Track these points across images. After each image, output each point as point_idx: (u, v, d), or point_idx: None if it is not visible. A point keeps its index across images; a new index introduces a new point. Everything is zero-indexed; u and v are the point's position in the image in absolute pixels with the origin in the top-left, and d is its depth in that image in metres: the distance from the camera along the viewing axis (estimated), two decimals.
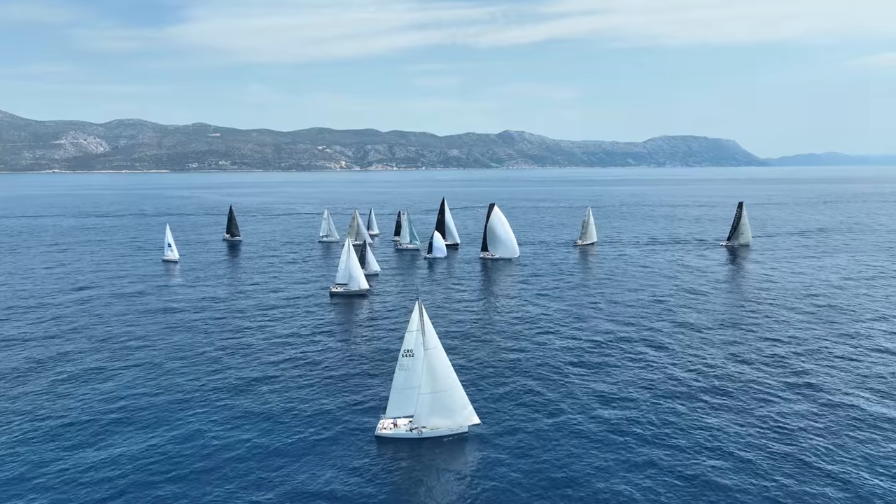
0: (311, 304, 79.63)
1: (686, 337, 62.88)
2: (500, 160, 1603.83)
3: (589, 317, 71.18)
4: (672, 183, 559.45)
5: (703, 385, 49.51)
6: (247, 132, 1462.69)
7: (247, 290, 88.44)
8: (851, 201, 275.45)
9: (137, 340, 63.05)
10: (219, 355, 58.03)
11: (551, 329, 66.14)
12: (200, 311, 75.80)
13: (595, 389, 48.57)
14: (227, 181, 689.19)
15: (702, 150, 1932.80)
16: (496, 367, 54.14)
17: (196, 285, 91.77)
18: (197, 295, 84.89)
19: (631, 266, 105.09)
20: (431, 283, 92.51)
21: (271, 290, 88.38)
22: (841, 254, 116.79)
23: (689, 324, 67.89)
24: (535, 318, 70.74)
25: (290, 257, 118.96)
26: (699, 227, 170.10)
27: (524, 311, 74.26)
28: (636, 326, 66.71)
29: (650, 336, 63.13)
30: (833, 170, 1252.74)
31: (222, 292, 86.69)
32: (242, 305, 78.60)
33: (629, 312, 73.01)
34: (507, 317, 71.88)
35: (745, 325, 67.05)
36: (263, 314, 74.07)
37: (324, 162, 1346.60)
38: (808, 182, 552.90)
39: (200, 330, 66.91)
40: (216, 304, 79.65)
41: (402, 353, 40.73)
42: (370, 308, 77.49)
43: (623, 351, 58.38)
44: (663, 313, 72.60)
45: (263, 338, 63.91)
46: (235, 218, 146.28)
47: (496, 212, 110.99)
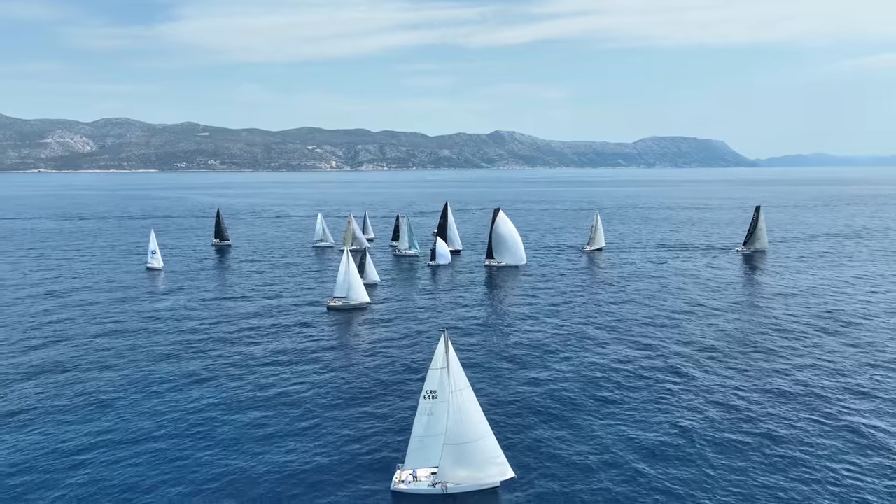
0: (306, 319, 72.91)
1: (715, 364, 56.81)
2: (490, 160, 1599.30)
3: (609, 340, 64.94)
4: (667, 184, 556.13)
5: (748, 431, 43.34)
6: (236, 132, 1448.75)
7: (236, 303, 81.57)
8: (852, 204, 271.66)
9: (110, 360, 56.16)
10: (199, 385, 51.29)
11: (570, 354, 59.87)
12: (182, 328, 68.92)
13: (628, 435, 42.14)
14: (216, 181, 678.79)
15: (691, 151, 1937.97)
16: (517, 402, 47.76)
17: (180, 297, 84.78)
18: (180, 309, 77.94)
19: (645, 276, 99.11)
20: (435, 296, 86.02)
21: (262, 303, 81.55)
22: (859, 261, 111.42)
23: (715, 348, 61.86)
24: (550, 341, 64.45)
25: (282, 264, 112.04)
26: (707, 231, 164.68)
27: (538, 332, 67.97)
28: (660, 353, 60.42)
29: (677, 364, 56.87)
30: (824, 171, 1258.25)
31: (208, 306, 79.77)
32: (230, 322, 71.75)
33: (650, 334, 66.89)
34: (521, 337, 65.54)
35: (780, 351, 61.10)
36: (253, 332, 67.29)
37: (314, 162, 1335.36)
38: (804, 183, 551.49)
39: (181, 352, 60.09)
40: (200, 319, 72.77)
41: (423, 395, 34.28)
42: (371, 324, 70.90)
43: (651, 384, 52.12)
44: (685, 334, 66.55)
45: (253, 362, 57.18)
46: (223, 222, 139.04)
47: (502, 217, 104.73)
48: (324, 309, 78.12)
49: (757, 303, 79.77)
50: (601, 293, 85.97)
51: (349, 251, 79.27)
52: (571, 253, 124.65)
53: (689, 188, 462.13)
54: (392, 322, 71.47)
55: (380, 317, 73.98)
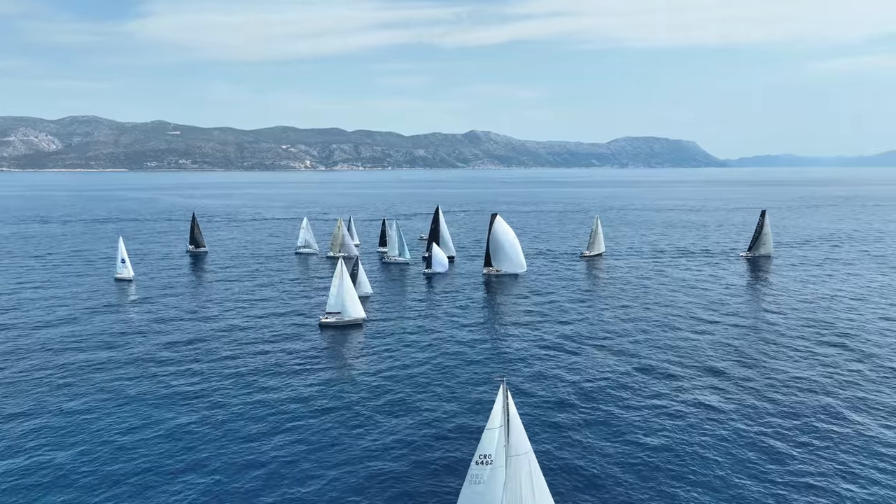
0: (296, 339, 65.61)
1: (742, 393, 51.22)
2: (466, 160, 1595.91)
3: (629, 374, 59.09)
4: (645, 185, 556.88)
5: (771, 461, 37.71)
6: (208, 130, 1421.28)
7: (215, 318, 73.80)
8: (837, 205, 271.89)
9: (71, 383, 48.36)
10: (172, 415, 43.91)
11: (587, 380, 53.81)
12: (155, 349, 61.15)
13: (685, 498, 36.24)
14: (188, 181, 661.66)
15: (663, 152, 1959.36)
16: (552, 443, 41.45)
17: (152, 312, 76.69)
18: (152, 325, 69.98)
19: (652, 287, 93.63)
20: (436, 310, 79.29)
21: (245, 319, 73.93)
22: (866, 268, 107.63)
23: (735, 378, 56.35)
24: (564, 365, 58.34)
25: (264, 273, 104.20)
26: (703, 234, 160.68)
27: (550, 356, 61.78)
28: (687, 382, 54.77)
29: (699, 397, 51.25)
30: (796, 171, 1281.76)
31: (184, 322, 71.88)
32: (209, 340, 64.12)
33: (667, 357, 61.22)
34: (529, 359, 59.31)
35: (804, 377, 55.79)
36: (235, 354, 59.84)
37: (288, 161, 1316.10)
38: (780, 185, 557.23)
39: (154, 375, 52.46)
40: (176, 338, 64.99)
41: (475, 460, 27.59)
42: (371, 346, 63.90)
43: (680, 425, 46.31)
44: (703, 357, 61.02)
45: (235, 390, 49.89)
46: (199, 226, 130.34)
47: (500, 222, 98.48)
48: (315, 325, 70.94)
49: (773, 312, 74.69)
50: (610, 306, 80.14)
51: (342, 260, 72.13)
52: (569, 259, 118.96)
53: (669, 189, 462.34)
54: (394, 344, 64.51)
55: (379, 336, 66.97)
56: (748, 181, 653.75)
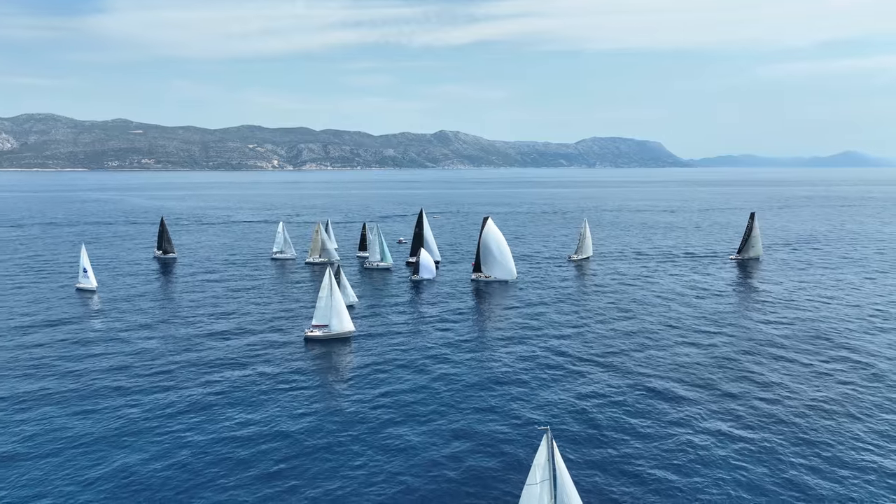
0: (278, 357, 60.26)
1: (743, 406, 47.98)
2: (436, 160, 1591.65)
3: (638, 400, 55.47)
4: (617, 185, 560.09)
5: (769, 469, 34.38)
6: (172, 129, 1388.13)
7: (187, 332, 67.91)
8: (806, 205, 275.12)
9: (28, 405, 42.47)
10: (132, 454, 38.52)
11: (595, 404, 49.98)
12: (121, 365, 55.27)
13: None
14: (153, 181, 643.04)
15: (630, 152, 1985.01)
16: None
17: (117, 326, 70.40)
18: (118, 340, 63.87)
19: (644, 293, 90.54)
20: (427, 321, 74.66)
21: (221, 332, 68.22)
22: (851, 267, 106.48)
23: (740, 377, 53.19)
24: (564, 377, 54.44)
25: (239, 281, 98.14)
26: (687, 237, 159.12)
27: (550, 377, 57.81)
28: (698, 407, 51.34)
29: (713, 423, 47.84)
30: (758, 171, 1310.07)
31: (153, 337, 65.87)
32: (181, 357, 58.41)
33: (669, 375, 57.80)
34: (530, 382, 55.25)
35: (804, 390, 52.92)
36: (211, 370, 54.39)
37: (255, 161, 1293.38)
38: (750, 184, 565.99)
39: (116, 403, 46.80)
40: (143, 357, 59.10)
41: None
42: (360, 363, 58.92)
43: (699, 456, 42.73)
44: (707, 376, 57.81)
45: (212, 413, 44.60)
46: (168, 231, 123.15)
47: (490, 226, 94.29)
48: (299, 340, 65.69)
49: (775, 322, 72.01)
50: (606, 317, 76.52)
51: (330, 270, 66.99)
52: (557, 263, 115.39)
53: (640, 189, 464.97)
54: (385, 363, 59.58)
55: (369, 354, 61.96)
56: (716, 181, 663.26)
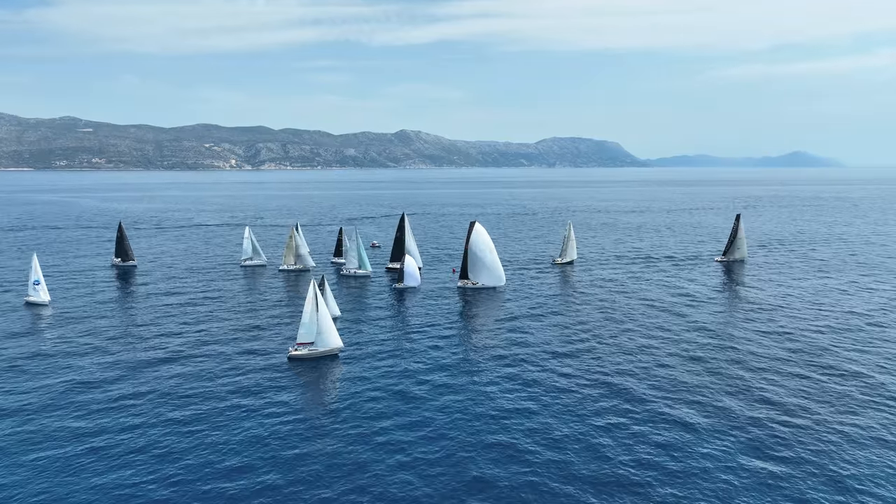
0: (258, 380, 54.32)
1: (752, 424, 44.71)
2: (397, 160, 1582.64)
3: (649, 430, 51.72)
4: (581, 185, 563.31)
5: None
6: (124, 127, 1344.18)
7: (152, 349, 61.31)
8: (772, 205, 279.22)
9: None
10: (96, 478, 32.66)
11: (605, 428, 45.94)
12: (76, 391, 48.66)
13: None
14: (105, 182, 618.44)
15: (589, 152, 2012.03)
16: None
17: (74, 343, 63.24)
18: (74, 363, 56.94)
19: (634, 301, 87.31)
20: (415, 334, 69.57)
21: (190, 350, 61.83)
22: (837, 271, 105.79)
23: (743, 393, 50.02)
24: (570, 403, 50.32)
25: (207, 292, 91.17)
26: (663, 238, 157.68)
27: (552, 399, 53.61)
28: (708, 440, 47.83)
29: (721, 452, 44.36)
30: (717, 171, 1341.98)
31: (112, 356, 59.08)
32: (146, 382, 52.01)
33: (674, 398, 54.31)
34: (532, 402, 50.96)
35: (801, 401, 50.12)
36: (179, 397, 48.25)
37: (212, 161, 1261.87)
38: (713, 184, 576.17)
39: (75, 423, 40.49)
40: (102, 379, 52.51)
41: None
42: (351, 387, 53.49)
43: None
44: (714, 397, 54.56)
45: (180, 450, 38.77)
46: (127, 237, 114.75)
47: (478, 230, 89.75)
48: (282, 359, 59.87)
49: (770, 333, 69.48)
50: (604, 328, 72.79)
51: (315, 282, 61.32)
52: (541, 267, 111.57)
53: (605, 189, 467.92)
54: (379, 387, 54.30)
55: (359, 375, 56.41)
56: (676, 181, 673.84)
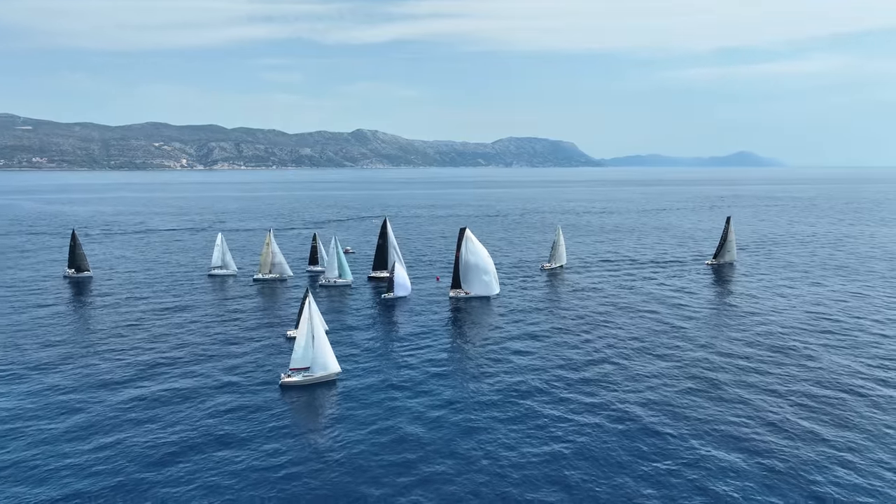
0: (248, 415, 48.02)
1: None
2: (354, 159, 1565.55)
3: (635, 418, 47.70)
4: (542, 185, 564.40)
5: None
6: (67, 125, 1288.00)
7: (114, 375, 54.02)
8: (735, 205, 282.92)
9: None
10: None
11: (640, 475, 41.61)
12: (23, 426, 41.49)
13: None
14: (48, 183, 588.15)
15: (545, 152, 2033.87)
16: None
17: (22, 367, 55.33)
18: (22, 390, 49.33)
19: (629, 308, 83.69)
20: (412, 353, 64.01)
21: (161, 376, 54.80)
22: (820, 270, 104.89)
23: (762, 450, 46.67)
24: (590, 440, 45.87)
25: (175, 305, 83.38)
26: (646, 240, 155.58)
27: (571, 425, 49.06)
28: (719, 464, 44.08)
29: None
30: (672, 171, 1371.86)
31: (69, 387, 51.63)
32: (109, 420, 45.07)
33: (682, 421, 50.57)
34: (548, 436, 46.29)
35: None
36: (153, 448, 41.63)
37: (162, 160, 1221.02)
38: (673, 184, 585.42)
39: (23, 471, 33.79)
40: (55, 411, 45.31)
41: None
42: (354, 419, 47.64)
43: None
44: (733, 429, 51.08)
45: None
46: (81, 246, 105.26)
47: (470, 238, 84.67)
48: (272, 387, 53.46)
49: (761, 336, 66.73)
50: (611, 343, 68.76)
51: (311, 298, 55.09)
52: (531, 273, 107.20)
53: (570, 189, 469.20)
54: (385, 419, 48.63)
55: (362, 403, 50.51)
56: (635, 181, 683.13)
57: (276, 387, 53.50)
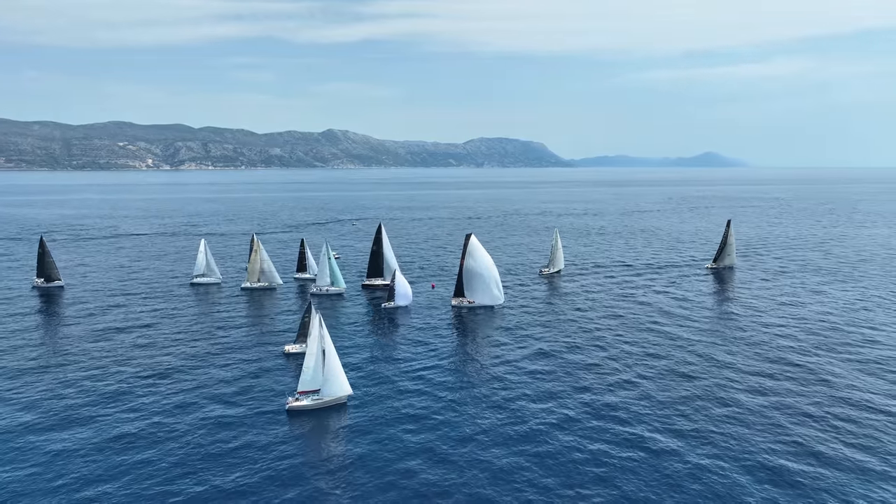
0: (251, 439, 43.34)
1: None
2: (324, 160, 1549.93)
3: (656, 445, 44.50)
4: (518, 186, 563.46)
5: None
6: (26, 124, 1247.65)
7: (94, 404, 48.64)
8: (713, 205, 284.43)
9: None
10: None
11: None
12: None
13: None
14: (4, 183, 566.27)
15: (516, 152, 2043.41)
16: None
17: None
18: None
19: (633, 314, 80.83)
20: (422, 369, 59.82)
21: (147, 397, 49.59)
22: (816, 274, 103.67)
23: None
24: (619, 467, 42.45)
25: (157, 319, 77.57)
26: (636, 243, 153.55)
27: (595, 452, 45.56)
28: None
29: None
30: (644, 171, 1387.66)
31: (43, 411, 46.15)
32: (87, 451, 39.95)
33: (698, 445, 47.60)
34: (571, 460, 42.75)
35: None
36: (139, 492, 36.72)
37: (126, 160, 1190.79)
38: (648, 185, 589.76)
39: None
40: (25, 443, 40.02)
41: None
42: (370, 449, 43.25)
43: None
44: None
45: None
46: (50, 254, 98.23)
47: (475, 245, 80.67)
48: (278, 413, 48.68)
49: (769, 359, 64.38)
50: (625, 355, 65.57)
51: (320, 316, 50.41)
52: (529, 278, 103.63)
53: (547, 190, 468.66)
54: (403, 444, 44.38)
55: (376, 427, 46.26)
56: (610, 181, 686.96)
57: (282, 412, 48.72)
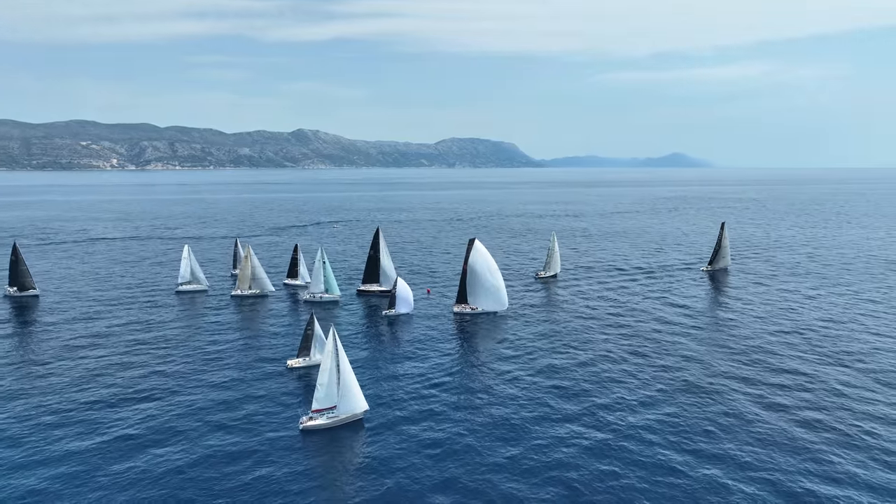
0: (263, 465, 40.32)
1: None
2: (295, 160, 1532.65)
3: None
4: (493, 186, 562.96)
5: None
6: None
7: (78, 422, 45.02)
8: (694, 205, 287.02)
9: None
10: None
11: None
12: None
13: None
14: None
15: (487, 152, 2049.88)
16: None
17: None
18: None
19: (635, 318, 79.52)
20: (431, 381, 57.26)
21: (137, 419, 46.10)
22: (811, 276, 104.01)
23: None
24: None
25: (141, 329, 73.38)
26: (623, 245, 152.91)
27: None
28: None
29: None
30: (617, 172, 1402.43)
31: (18, 436, 42.41)
32: (74, 481, 36.56)
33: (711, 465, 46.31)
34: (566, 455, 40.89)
35: None
36: None
37: (90, 160, 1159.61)
38: (622, 185, 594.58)
39: None
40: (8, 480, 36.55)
41: None
42: (392, 469, 40.61)
43: None
44: None
45: None
46: (24, 261, 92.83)
47: (479, 250, 78.27)
48: (291, 432, 45.61)
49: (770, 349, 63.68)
50: (625, 363, 63.99)
51: (335, 332, 47.42)
52: (525, 282, 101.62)
53: (523, 191, 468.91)
54: (425, 464, 41.84)
55: (397, 449, 43.55)
56: (581, 182, 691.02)
57: (295, 432, 45.66)
